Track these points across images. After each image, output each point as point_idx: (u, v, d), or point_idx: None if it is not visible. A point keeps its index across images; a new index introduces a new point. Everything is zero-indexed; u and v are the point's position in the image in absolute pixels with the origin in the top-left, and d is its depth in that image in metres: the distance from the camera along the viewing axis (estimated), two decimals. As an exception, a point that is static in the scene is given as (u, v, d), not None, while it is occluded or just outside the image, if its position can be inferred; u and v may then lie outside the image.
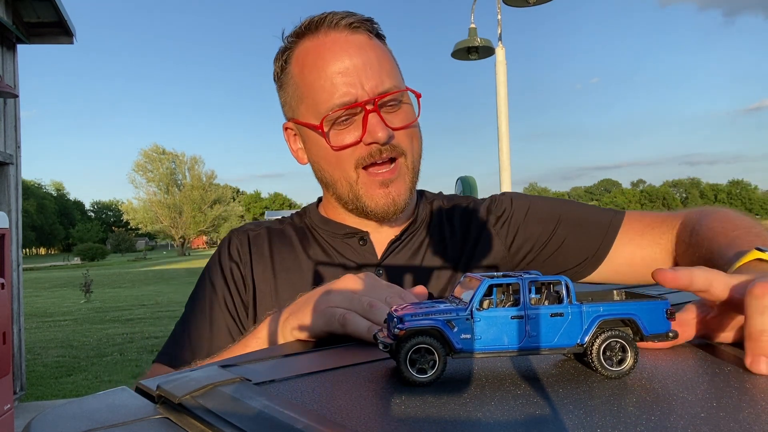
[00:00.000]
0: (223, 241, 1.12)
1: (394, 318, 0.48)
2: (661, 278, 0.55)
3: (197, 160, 67.54)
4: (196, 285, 1.09)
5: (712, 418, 0.38)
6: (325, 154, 1.01)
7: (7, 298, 0.35)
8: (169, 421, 0.40)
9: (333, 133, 0.99)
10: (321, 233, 1.09)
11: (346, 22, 0.98)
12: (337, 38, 0.98)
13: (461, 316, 0.47)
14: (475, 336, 0.47)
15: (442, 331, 0.47)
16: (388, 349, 0.48)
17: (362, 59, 0.96)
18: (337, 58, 0.96)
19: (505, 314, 0.48)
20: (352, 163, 0.98)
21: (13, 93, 5.19)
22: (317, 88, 0.97)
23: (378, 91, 0.96)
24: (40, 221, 79.45)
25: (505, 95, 5.10)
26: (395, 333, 0.47)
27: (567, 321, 0.48)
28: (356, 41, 0.98)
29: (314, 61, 0.98)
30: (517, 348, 0.48)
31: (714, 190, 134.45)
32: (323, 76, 0.96)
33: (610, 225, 1.08)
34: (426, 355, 0.47)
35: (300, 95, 1.01)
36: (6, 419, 0.35)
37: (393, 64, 1.03)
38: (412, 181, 1.03)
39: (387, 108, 0.99)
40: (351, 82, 0.95)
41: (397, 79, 1.01)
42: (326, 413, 0.40)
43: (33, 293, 16.62)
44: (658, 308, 0.50)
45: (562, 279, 0.49)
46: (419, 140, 1.05)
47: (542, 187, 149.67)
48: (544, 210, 1.12)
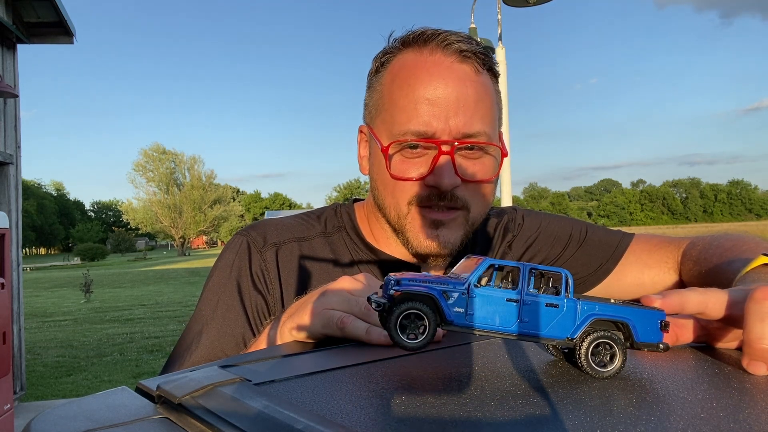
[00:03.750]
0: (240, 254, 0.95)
1: (392, 280, 0.48)
2: (648, 305, 0.53)
3: (197, 160, 67.60)
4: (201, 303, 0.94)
5: (711, 418, 0.38)
6: (383, 177, 0.92)
7: (7, 298, 0.35)
8: (169, 421, 0.40)
9: (399, 159, 0.90)
10: (362, 258, 0.98)
11: (457, 47, 0.89)
12: (440, 61, 0.88)
13: (458, 289, 0.47)
14: (468, 311, 0.47)
15: (436, 299, 0.47)
16: (380, 308, 0.48)
17: (458, 93, 0.87)
18: (431, 83, 0.87)
19: (501, 295, 0.48)
20: (407, 198, 0.90)
21: (13, 93, 5.18)
22: (400, 107, 0.89)
23: (462, 132, 0.87)
24: (40, 221, 79.41)
25: (505, 95, 5.10)
26: (390, 293, 0.48)
27: (561, 313, 0.48)
28: (460, 71, 0.88)
29: (407, 78, 0.89)
30: (507, 331, 0.48)
31: (714, 190, 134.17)
32: (410, 96, 0.88)
33: (618, 245, 1.08)
34: (416, 321, 0.47)
35: (381, 106, 0.94)
36: (6, 419, 0.35)
37: (492, 108, 0.92)
38: (465, 234, 0.94)
39: (465, 153, 0.90)
40: (436, 113, 0.86)
41: (490, 127, 0.91)
42: (326, 413, 0.40)
43: (33, 293, 16.62)
44: (653, 318, 0.50)
45: (563, 272, 0.49)
46: (489, 198, 0.96)
47: (542, 187, 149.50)
48: (554, 229, 1.11)
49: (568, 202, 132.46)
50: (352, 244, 1.00)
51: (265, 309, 0.93)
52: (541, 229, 1.11)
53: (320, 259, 0.97)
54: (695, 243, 1.00)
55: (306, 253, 0.97)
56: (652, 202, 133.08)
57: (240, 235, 0.99)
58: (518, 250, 1.10)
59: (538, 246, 1.10)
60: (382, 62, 0.95)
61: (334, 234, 1.01)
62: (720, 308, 0.55)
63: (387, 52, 0.95)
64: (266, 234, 0.97)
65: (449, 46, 0.89)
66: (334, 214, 1.04)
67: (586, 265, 1.08)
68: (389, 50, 0.95)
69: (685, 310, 0.55)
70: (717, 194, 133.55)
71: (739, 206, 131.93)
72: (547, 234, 1.11)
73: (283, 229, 0.99)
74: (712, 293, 0.56)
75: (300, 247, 0.97)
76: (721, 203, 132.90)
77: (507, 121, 5.13)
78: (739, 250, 0.87)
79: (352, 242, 1.00)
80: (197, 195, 65.30)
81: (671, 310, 0.53)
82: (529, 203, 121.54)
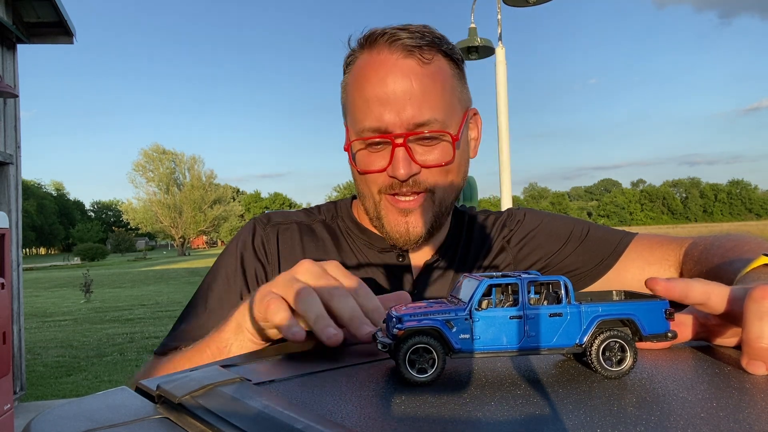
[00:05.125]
0: (244, 231, 1.06)
1: (393, 318, 0.48)
2: (655, 287, 0.54)
3: (197, 160, 67.58)
4: (207, 275, 1.03)
5: (712, 418, 0.37)
6: (355, 170, 1.01)
7: (7, 298, 0.35)
8: (169, 421, 0.40)
9: (363, 153, 0.97)
10: (356, 241, 1.06)
11: (401, 44, 0.93)
12: (386, 60, 0.93)
13: (460, 316, 0.47)
14: (474, 336, 0.47)
15: (441, 330, 0.47)
16: (387, 349, 0.48)
17: (404, 87, 0.92)
18: (379, 82, 0.93)
19: (503, 314, 0.48)
20: (377, 188, 0.98)
21: (13, 93, 5.18)
22: (357, 106, 0.96)
23: (414, 122, 0.92)
24: (40, 221, 79.45)
25: (505, 95, 5.09)
26: (394, 333, 0.47)
27: (566, 321, 0.48)
28: (405, 66, 0.93)
29: (360, 78, 0.96)
30: (516, 348, 0.48)
31: (714, 190, 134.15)
32: (363, 96, 0.94)
33: (620, 242, 1.09)
34: (425, 355, 0.47)
35: (347, 106, 1.01)
36: (6, 419, 0.35)
37: (442, 94, 0.95)
38: (435, 216, 0.99)
39: (422, 142, 0.95)
40: (387, 109, 0.92)
41: (442, 113, 0.94)
42: (326, 413, 0.40)
43: (33, 293, 16.62)
44: (657, 308, 0.50)
45: (561, 279, 0.49)
46: (455, 176, 1.00)
47: (542, 187, 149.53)
48: (555, 226, 1.12)
49: (568, 202, 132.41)
50: (347, 228, 1.08)
51: (264, 277, 1.00)
52: (541, 226, 1.12)
53: (318, 240, 1.06)
54: (697, 243, 1.00)
55: (306, 234, 1.06)
56: (652, 202, 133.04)
57: (250, 220, 1.10)
58: (516, 244, 1.10)
59: (537, 241, 1.10)
60: (347, 63, 1.02)
61: (332, 222, 1.10)
62: (722, 302, 0.55)
63: (350, 55, 1.01)
64: (271, 217, 1.09)
65: (394, 43, 0.94)
66: (334, 207, 1.13)
67: (586, 260, 1.08)
68: (351, 52, 1.01)
69: (688, 299, 0.55)
70: (717, 194, 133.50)
71: (739, 206, 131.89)
72: (547, 230, 1.11)
73: (287, 215, 1.10)
74: (716, 286, 0.56)
75: (300, 228, 1.07)
76: (721, 203, 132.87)
77: (507, 121, 5.13)
78: (741, 250, 0.87)
79: (347, 227, 1.08)
80: (197, 195, 65.30)
81: (674, 296, 0.54)
82: (529, 203, 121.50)
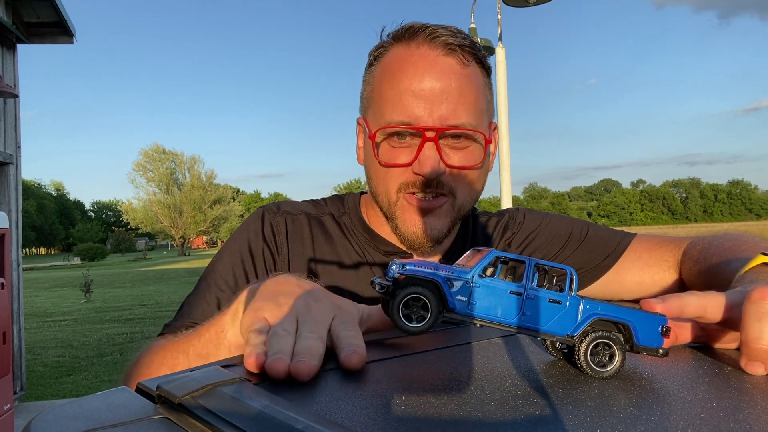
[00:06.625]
0: (253, 218, 1.03)
1: (397, 264, 0.48)
2: (653, 310, 0.52)
3: (197, 160, 67.56)
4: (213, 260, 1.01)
5: (712, 418, 0.38)
6: (374, 165, 0.96)
7: (7, 298, 0.35)
8: (169, 421, 0.40)
9: (386, 147, 0.94)
10: (361, 241, 1.03)
11: (443, 41, 0.91)
12: (426, 55, 0.91)
13: (462, 277, 0.47)
14: (471, 300, 0.47)
15: (440, 286, 0.47)
16: (384, 290, 0.48)
17: (442, 85, 0.89)
18: (416, 76, 0.90)
19: (504, 287, 0.48)
20: (396, 185, 0.94)
21: (13, 93, 5.18)
22: (386, 99, 0.93)
23: (446, 122, 0.89)
24: (40, 221, 79.45)
25: (505, 95, 5.09)
26: (395, 276, 0.47)
27: (563, 310, 0.48)
28: (445, 64, 0.90)
29: (394, 71, 0.93)
30: (508, 323, 0.48)
31: (714, 190, 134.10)
32: (396, 89, 0.91)
33: (619, 243, 1.09)
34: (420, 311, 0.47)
35: (372, 98, 0.98)
36: (6, 419, 0.34)
37: (477, 99, 0.93)
38: (452, 222, 0.96)
39: (451, 142, 0.92)
40: (421, 104, 0.89)
41: (474, 118, 0.92)
42: (326, 413, 0.40)
43: (33, 293, 16.61)
44: (655, 322, 0.50)
45: (568, 269, 0.49)
46: (477, 185, 0.98)
47: (542, 187, 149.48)
48: (554, 227, 1.12)
49: (568, 202, 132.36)
50: (353, 227, 1.05)
51: (273, 265, 0.98)
52: (541, 228, 1.12)
53: (327, 233, 1.03)
54: (696, 243, 1.00)
55: (315, 226, 1.04)
56: (652, 202, 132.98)
57: (259, 208, 1.07)
58: (518, 247, 1.11)
59: (537, 244, 1.11)
60: (375, 56, 0.99)
61: (340, 217, 1.07)
62: (718, 311, 0.55)
63: (379, 47, 0.98)
64: (280, 206, 1.06)
65: (435, 39, 0.91)
66: (341, 201, 1.10)
67: (586, 261, 1.08)
68: (381, 45, 0.98)
69: (684, 315, 0.55)
70: (717, 194, 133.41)
71: (739, 206, 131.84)
72: (546, 232, 1.11)
73: (296, 205, 1.08)
74: (710, 297, 0.56)
75: (309, 220, 1.04)
76: (721, 203, 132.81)
77: (507, 121, 5.13)
78: (739, 249, 0.87)
79: (353, 226, 1.05)
80: (197, 195, 65.27)
81: (671, 314, 0.53)
82: (529, 203, 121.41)
